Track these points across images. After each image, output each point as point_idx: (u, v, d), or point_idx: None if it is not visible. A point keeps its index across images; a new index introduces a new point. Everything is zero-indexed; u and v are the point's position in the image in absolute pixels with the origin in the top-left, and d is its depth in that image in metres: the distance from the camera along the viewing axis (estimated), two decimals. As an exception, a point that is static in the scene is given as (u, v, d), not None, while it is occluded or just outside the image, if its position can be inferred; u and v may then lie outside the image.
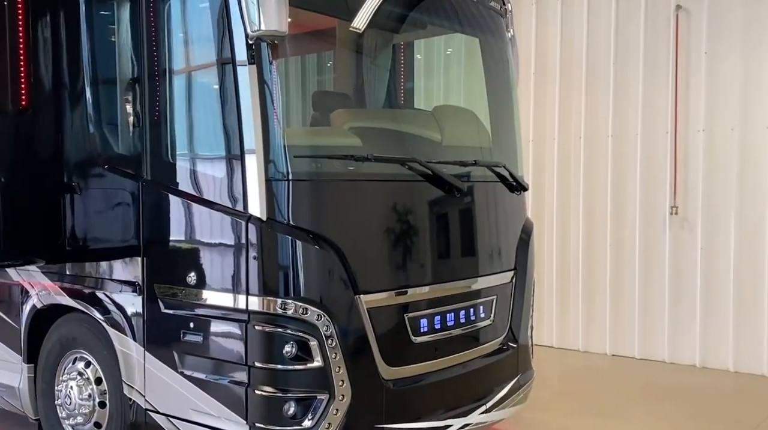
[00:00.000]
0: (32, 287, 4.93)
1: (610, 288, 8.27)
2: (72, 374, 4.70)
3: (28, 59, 4.60)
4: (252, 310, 3.75)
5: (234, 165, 3.80)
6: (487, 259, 4.76)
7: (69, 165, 4.64)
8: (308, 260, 3.78)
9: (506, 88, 5.31)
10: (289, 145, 3.78)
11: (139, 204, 4.23)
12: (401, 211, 4.21)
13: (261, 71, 3.67)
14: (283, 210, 3.77)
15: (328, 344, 3.75)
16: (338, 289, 3.83)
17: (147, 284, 4.20)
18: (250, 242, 3.74)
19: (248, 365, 3.76)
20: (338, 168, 3.98)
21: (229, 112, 3.78)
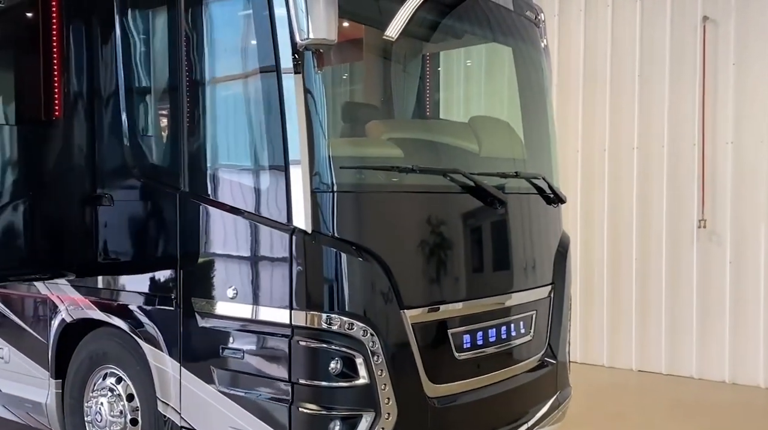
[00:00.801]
0: (61, 301, 4.83)
1: (635, 302, 8.15)
2: (102, 390, 4.59)
3: (62, 68, 4.53)
4: (296, 325, 3.64)
5: (277, 176, 3.71)
6: (527, 273, 4.65)
7: (102, 176, 4.55)
8: (354, 273, 3.68)
9: (542, 98, 5.24)
10: (334, 155, 3.69)
11: (176, 216, 4.13)
12: (443, 224, 4.11)
13: (307, 80, 3.59)
14: (328, 222, 3.67)
15: (374, 361, 3.64)
16: (384, 304, 3.73)
17: (183, 297, 4.10)
18: (294, 254, 3.64)
19: (292, 381, 3.65)
20: (381, 179, 3.89)
21: (273, 122, 3.69)
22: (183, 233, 4.12)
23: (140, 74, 4.43)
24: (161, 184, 4.24)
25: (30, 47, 4.67)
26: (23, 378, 5.17)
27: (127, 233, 4.47)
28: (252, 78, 3.79)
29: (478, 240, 4.30)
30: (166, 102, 4.24)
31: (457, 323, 4.09)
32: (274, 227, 3.74)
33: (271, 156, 3.75)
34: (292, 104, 3.60)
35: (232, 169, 3.96)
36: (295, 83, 3.58)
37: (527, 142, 5.08)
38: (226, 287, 3.91)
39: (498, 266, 4.42)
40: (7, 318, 5.32)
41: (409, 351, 3.79)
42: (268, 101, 3.72)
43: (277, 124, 3.67)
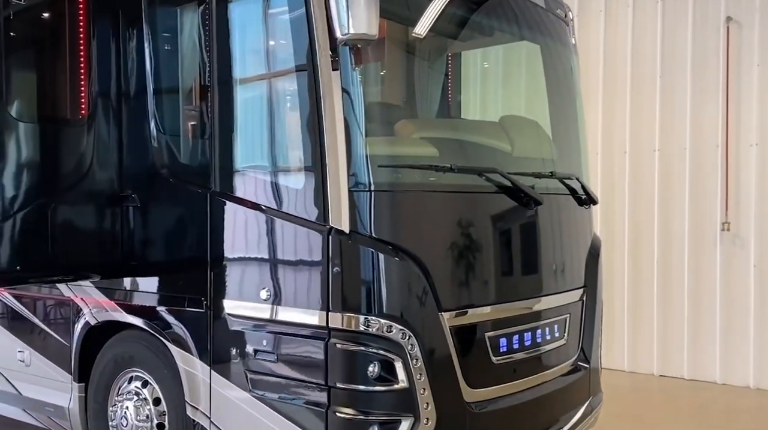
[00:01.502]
0: (85, 304, 4.75)
1: (657, 306, 8.05)
2: (128, 394, 4.50)
3: (89, 66, 4.46)
4: (333, 327, 3.56)
5: (313, 175, 3.62)
6: (561, 275, 4.56)
7: (128, 176, 4.47)
8: (392, 274, 3.59)
9: (572, 97, 5.15)
10: (371, 154, 3.62)
11: (207, 216, 4.04)
12: (479, 225, 4.03)
13: (344, 77, 3.52)
14: (365, 222, 3.59)
15: (413, 364, 3.55)
16: (422, 306, 3.64)
17: (214, 299, 4.01)
18: (331, 255, 3.55)
19: (329, 385, 3.56)
20: (418, 179, 3.81)
21: (309, 120, 3.61)
22: (213, 234, 4.03)
23: (169, 73, 4.35)
24: (191, 184, 4.15)
25: (54, 44, 4.61)
26: (45, 381, 5.08)
27: (155, 233, 4.39)
28: (287, 75, 3.72)
29: (513, 241, 4.21)
30: (196, 101, 4.16)
31: (494, 326, 4.00)
32: (310, 227, 3.66)
33: (307, 154, 3.67)
34: (328, 101, 3.52)
35: (265, 168, 3.87)
36: (333, 80, 3.51)
37: (558, 142, 5.00)
38: (258, 288, 3.83)
39: (533, 268, 4.33)
40: (27, 320, 5.24)
41: (448, 355, 3.70)
42: (303, 99, 3.64)
43: (314, 122, 3.58)
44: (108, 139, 4.54)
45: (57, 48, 4.59)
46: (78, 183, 4.56)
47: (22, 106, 4.46)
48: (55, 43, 4.62)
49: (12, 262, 4.50)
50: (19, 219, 4.46)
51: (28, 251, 4.52)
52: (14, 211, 4.42)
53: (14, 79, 4.45)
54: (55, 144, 4.54)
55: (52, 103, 4.60)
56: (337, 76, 3.50)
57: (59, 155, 4.56)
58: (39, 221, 4.52)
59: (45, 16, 4.76)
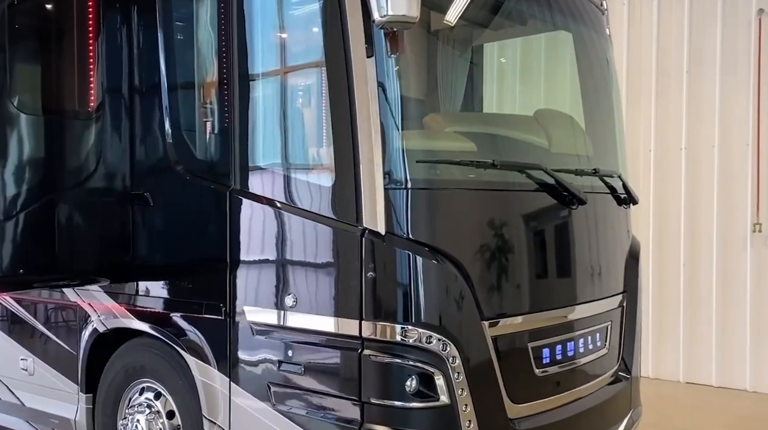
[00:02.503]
0: (93, 309, 4.45)
1: (683, 310, 7.74)
2: (139, 407, 4.19)
3: (98, 58, 4.16)
4: (366, 337, 3.26)
5: (344, 172, 3.33)
6: (602, 280, 4.26)
7: (140, 173, 4.17)
8: (432, 280, 3.29)
9: (609, 89, 4.86)
10: (408, 149, 3.32)
11: (226, 216, 3.75)
12: (520, 225, 3.72)
13: (379, 65, 3.23)
14: (402, 222, 3.29)
15: (455, 379, 3.25)
16: (464, 314, 3.34)
17: (234, 306, 3.72)
18: (365, 258, 3.25)
19: (362, 401, 3.27)
20: (457, 176, 3.51)
21: (340, 113, 3.32)
22: (233, 235, 3.73)
23: (185, 65, 4.04)
24: (208, 181, 3.86)
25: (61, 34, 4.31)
26: (49, 392, 4.79)
27: (169, 234, 4.09)
28: (316, 64, 3.42)
29: (555, 243, 3.90)
30: (215, 94, 3.85)
31: (537, 336, 3.70)
32: (340, 228, 3.37)
33: (338, 150, 3.36)
34: (362, 92, 3.23)
35: (290, 164, 3.58)
36: (368, 69, 3.22)
37: (594, 137, 4.71)
38: (284, 294, 3.53)
39: (576, 272, 4.02)
40: (30, 326, 4.94)
41: (491, 367, 3.40)
42: (334, 89, 3.34)
43: (345, 114, 3.29)
44: (117, 135, 4.24)
45: (64, 38, 4.30)
46: (85, 180, 4.25)
47: (25, 97, 4.17)
48: (62, 33, 4.33)
49: (14, 265, 4.19)
50: (21, 218, 4.15)
51: (31, 253, 4.21)
52: (17, 210, 4.11)
53: (18, 69, 4.16)
54: (60, 138, 4.24)
55: (57, 95, 4.31)
56: (372, 64, 3.21)
57: (65, 150, 4.26)
58: (43, 220, 4.21)
59: (51, 4, 4.47)
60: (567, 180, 3.94)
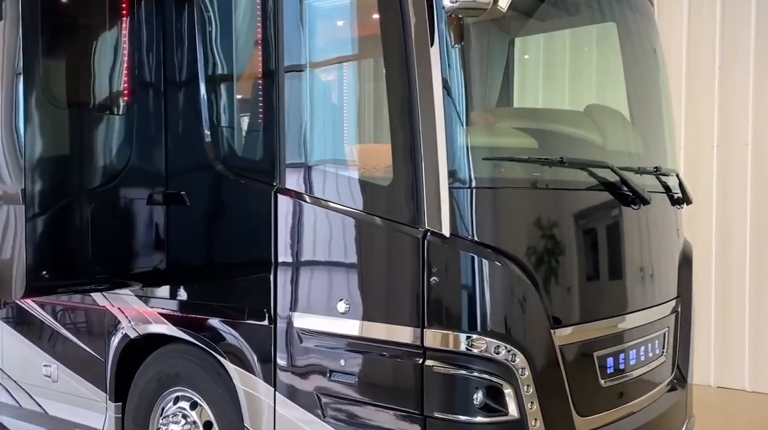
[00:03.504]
0: (123, 314, 4.24)
1: (715, 312, 7.55)
2: (173, 417, 3.99)
3: (131, 51, 3.94)
4: (429, 346, 3.05)
5: (403, 170, 3.12)
6: (660, 284, 4.07)
7: (176, 172, 3.96)
8: (500, 285, 3.09)
9: (659, 82, 4.65)
10: (473, 145, 3.12)
11: (271, 216, 3.54)
12: (585, 226, 3.52)
13: (444, 56, 3.02)
14: (467, 224, 3.08)
15: (524, 392, 3.04)
16: (533, 322, 3.14)
17: (280, 311, 3.51)
18: (428, 262, 3.04)
19: (424, 415, 3.06)
20: (522, 174, 3.31)
21: (399, 107, 3.11)
22: (279, 236, 3.53)
23: (225, 58, 3.83)
24: (252, 180, 3.65)
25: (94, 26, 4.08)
26: (74, 400, 4.57)
27: (208, 235, 3.87)
28: (372, 54, 3.22)
29: (618, 246, 3.70)
30: (258, 89, 3.64)
31: (603, 344, 3.49)
32: (400, 230, 3.16)
33: (396, 147, 3.15)
34: (425, 84, 3.01)
35: (342, 162, 3.39)
36: (432, 59, 3.01)
37: (644, 133, 4.51)
38: (335, 299, 3.32)
39: (638, 276, 3.82)
40: (54, 331, 4.73)
41: (560, 379, 3.20)
42: (393, 81, 3.13)
43: (405, 108, 3.08)
44: (151, 131, 4.02)
45: (97, 29, 4.08)
46: (114, 178, 4.04)
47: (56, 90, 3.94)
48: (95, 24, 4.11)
49: (37, 268, 3.97)
50: (47, 218, 3.93)
51: (54, 256, 4.01)
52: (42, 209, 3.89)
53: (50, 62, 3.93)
54: (89, 134, 4.01)
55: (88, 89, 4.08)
56: (436, 54, 3.00)
57: (94, 147, 4.04)
58: (70, 220, 4.00)
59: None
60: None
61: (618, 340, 3.58)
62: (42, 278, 3.83)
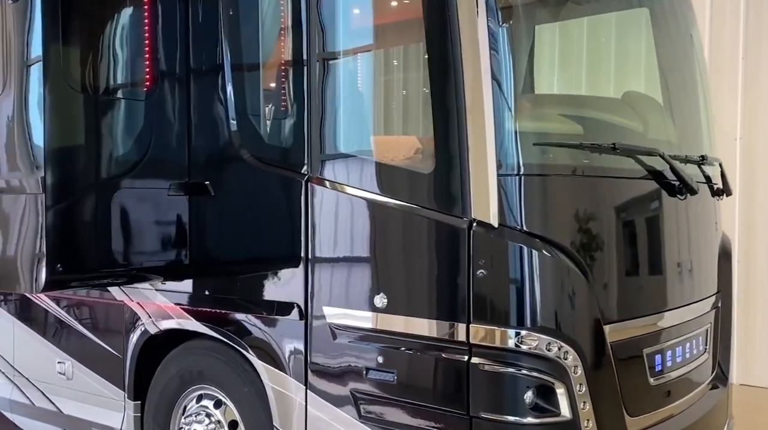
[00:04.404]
0: (143, 309, 4.07)
1: (737, 308, 7.39)
2: (197, 416, 3.82)
3: (153, 36, 3.77)
4: (475, 343, 2.89)
5: (447, 157, 2.95)
6: (703, 278, 3.91)
7: (199, 161, 3.77)
8: (551, 278, 2.92)
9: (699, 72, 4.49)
10: (522, 131, 2.95)
11: (302, 207, 3.37)
12: (633, 216, 3.35)
13: (493, 36, 2.84)
14: (516, 213, 2.91)
15: (577, 391, 2.88)
16: (586, 317, 2.97)
17: (313, 306, 3.36)
18: (473, 254, 2.88)
19: (470, 415, 2.89)
20: (570, 161, 3.13)
21: (443, 90, 2.94)
22: (312, 228, 3.36)
23: (254, 44, 3.66)
24: (281, 169, 3.48)
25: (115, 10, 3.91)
26: (90, 398, 4.40)
27: (234, 227, 3.68)
28: (412, 33, 3.05)
29: (666, 237, 3.52)
30: (289, 76, 3.48)
31: (652, 341, 3.33)
32: (443, 220, 2.98)
33: (439, 132, 2.98)
34: (471, 66, 2.84)
35: (380, 148, 3.21)
36: (480, 39, 2.84)
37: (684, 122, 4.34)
38: (372, 293, 3.15)
39: (682, 270, 3.65)
40: (68, 327, 4.55)
41: (612, 377, 3.03)
42: (436, 63, 2.96)
43: (450, 91, 2.91)
44: (172, 119, 3.85)
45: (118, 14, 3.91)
46: (134, 167, 3.87)
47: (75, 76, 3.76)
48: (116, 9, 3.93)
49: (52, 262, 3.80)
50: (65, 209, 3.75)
51: (69, 249, 3.82)
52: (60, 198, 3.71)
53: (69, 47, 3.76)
54: (109, 121, 3.83)
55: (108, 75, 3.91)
56: (484, 33, 2.83)
57: (114, 134, 3.85)
58: (87, 211, 3.83)
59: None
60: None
61: (666, 336, 3.41)
62: (58, 271, 3.67)
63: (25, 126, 3.55)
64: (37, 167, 3.51)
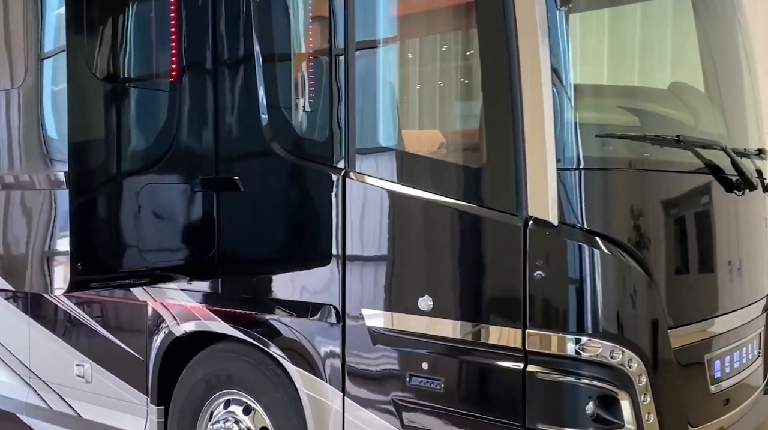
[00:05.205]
0: (167, 310, 3.89)
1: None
2: (224, 422, 3.64)
3: (179, 24, 3.58)
4: (532, 350, 2.70)
5: (499, 150, 2.75)
6: (754, 280, 3.71)
7: (228, 155, 3.59)
8: (613, 280, 2.72)
9: (746, 60, 4.28)
10: (582, 122, 2.75)
11: (339, 203, 3.18)
12: (691, 212, 3.16)
13: (551, 19, 2.65)
14: (576, 210, 2.72)
15: (642, 401, 2.69)
16: (651, 322, 2.77)
17: (349, 308, 3.17)
18: (530, 254, 2.68)
19: (526, 427, 2.71)
20: (629, 154, 2.93)
21: (496, 78, 2.73)
22: (349, 225, 3.16)
23: (285, 34, 3.47)
24: (315, 163, 3.29)
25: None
26: (110, 402, 4.22)
27: (265, 224, 3.50)
28: (460, 23, 2.85)
29: (723, 235, 3.33)
30: (324, 66, 3.28)
31: (712, 346, 3.14)
32: (495, 217, 2.78)
33: (491, 123, 2.78)
34: (529, 49, 2.65)
35: (425, 141, 3.02)
36: (538, 22, 2.65)
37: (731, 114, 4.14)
38: (416, 296, 2.96)
39: (743, 269, 3.47)
40: (87, 328, 4.37)
41: (675, 385, 2.84)
42: (489, 50, 2.76)
43: (503, 79, 2.71)
44: (199, 111, 3.65)
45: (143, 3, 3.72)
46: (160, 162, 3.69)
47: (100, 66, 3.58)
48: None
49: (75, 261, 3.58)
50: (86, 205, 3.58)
51: (88, 248, 3.54)
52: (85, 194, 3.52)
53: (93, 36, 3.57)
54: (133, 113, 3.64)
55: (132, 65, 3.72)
56: (543, 16, 2.64)
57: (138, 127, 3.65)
58: (109, 207, 3.64)
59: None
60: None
61: (725, 341, 3.22)
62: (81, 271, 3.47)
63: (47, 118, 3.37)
64: (59, 161, 3.34)
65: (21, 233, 3.61)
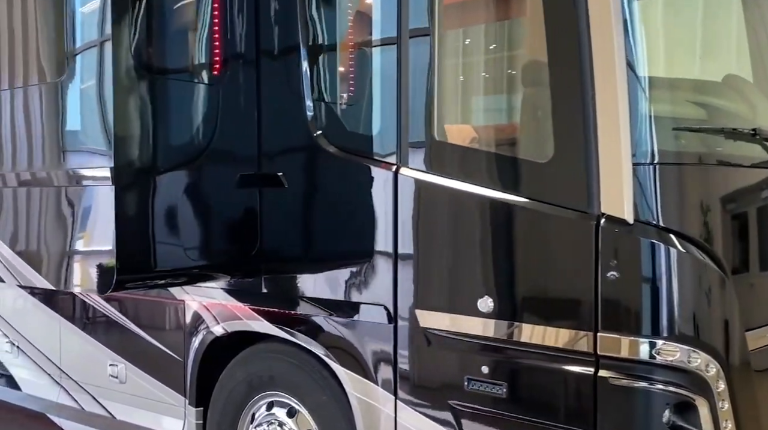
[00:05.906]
0: (206, 309, 3.78)
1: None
2: (267, 425, 3.54)
3: (223, 16, 3.47)
4: (603, 354, 2.56)
5: (569, 143, 2.61)
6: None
7: (271, 151, 3.47)
8: (695, 282, 2.59)
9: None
10: (657, 115, 2.61)
11: (391, 200, 3.05)
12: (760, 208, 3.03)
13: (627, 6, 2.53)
14: (651, 207, 2.58)
15: (720, 408, 2.55)
16: (729, 325, 2.64)
17: (402, 308, 3.04)
18: (603, 253, 2.55)
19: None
20: (703, 149, 2.80)
21: (565, 67, 2.60)
22: (402, 223, 3.04)
23: (332, 25, 3.36)
24: (365, 158, 3.16)
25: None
26: (146, 403, 4.12)
27: (311, 221, 3.39)
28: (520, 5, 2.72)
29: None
30: (373, 55, 3.16)
31: (784, 349, 3.02)
32: (564, 214, 2.65)
33: (560, 114, 2.64)
34: (605, 40, 2.52)
35: (484, 136, 2.90)
36: (612, 9, 2.51)
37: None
38: (476, 296, 2.83)
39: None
40: (121, 327, 4.26)
41: (752, 391, 2.70)
42: (559, 37, 2.62)
43: (574, 68, 2.58)
44: (241, 106, 3.53)
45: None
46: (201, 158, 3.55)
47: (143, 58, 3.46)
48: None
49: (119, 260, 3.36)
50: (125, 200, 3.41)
51: (125, 247, 3.31)
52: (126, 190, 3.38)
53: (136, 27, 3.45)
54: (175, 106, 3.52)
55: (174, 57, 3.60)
56: (617, 3, 2.50)
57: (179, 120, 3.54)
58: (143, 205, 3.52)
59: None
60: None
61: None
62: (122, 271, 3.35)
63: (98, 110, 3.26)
64: (102, 155, 3.23)
65: (60, 230, 3.51)
